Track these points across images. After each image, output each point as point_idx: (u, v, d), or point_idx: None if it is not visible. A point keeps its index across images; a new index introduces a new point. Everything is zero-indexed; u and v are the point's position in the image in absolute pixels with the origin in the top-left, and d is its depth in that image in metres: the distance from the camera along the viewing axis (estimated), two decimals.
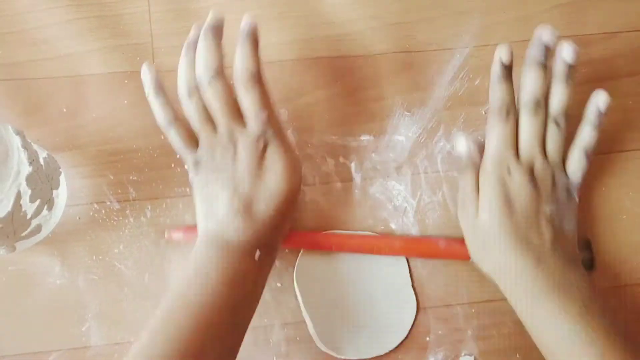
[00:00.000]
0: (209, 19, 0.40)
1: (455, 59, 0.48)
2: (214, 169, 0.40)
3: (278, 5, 0.48)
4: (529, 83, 0.41)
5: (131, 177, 0.45)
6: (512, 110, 0.41)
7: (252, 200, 0.39)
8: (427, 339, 0.44)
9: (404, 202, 0.46)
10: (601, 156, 0.47)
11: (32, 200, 0.38)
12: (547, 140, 0.41)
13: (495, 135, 0.41)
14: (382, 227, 0.45)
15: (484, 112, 0.47)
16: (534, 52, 0.40)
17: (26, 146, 0.37)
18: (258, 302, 0.40)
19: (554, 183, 0.41)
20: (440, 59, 0.48)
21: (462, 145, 0.42)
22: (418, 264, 0.45)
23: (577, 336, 0.37)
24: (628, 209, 0.46)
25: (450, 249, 0.44)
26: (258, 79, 0.40)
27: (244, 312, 0.38)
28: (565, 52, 0.40)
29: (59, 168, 0.43)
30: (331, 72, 0.48)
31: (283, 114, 0.46)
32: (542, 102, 0.41)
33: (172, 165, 0.45)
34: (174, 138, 0.41)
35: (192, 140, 0.41)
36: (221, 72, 0.40)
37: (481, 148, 0.42)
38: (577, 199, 0.42)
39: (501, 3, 0.50)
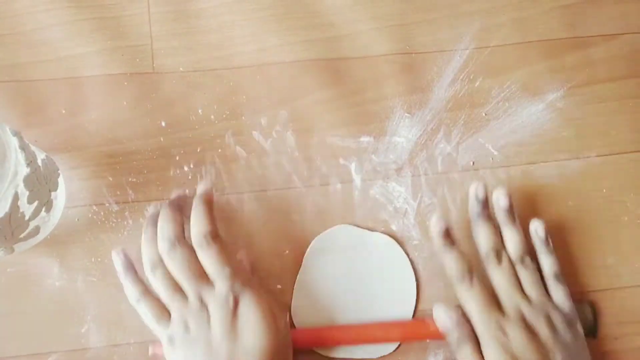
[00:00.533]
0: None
1: (455, 61, 0.48)
2: (190, 342, 0.38)
3: (278, 7, 0.48)
4: (481, 237, 0.42)
5: (130, 179, 0.45)
6: (472, 272, 0.40)
7: None
8: (427, 340, 0.43)
9: (404, 203, 0.46)
10: (602, 158, 0.47)
11: (30, 201, 0.38)
12: (523, 284, 0.41)
13: (473, 304, 0.40)
14: (383, 229, 0.45)
15: (484, 114, 0.47)
16: (474, 210, 0.42)
17: (24, 147, 0.37)
18: None
19: (551, 324, 0.39)
20: (440, 60, 0.48)
21: (445, 319, 0.40)
22: (419, 264, 0.45)
23: None
24: (629, 211, 0.46)
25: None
26: (213, 237, 0.39)
27: None
28: (500, 201, 0.42)
29: (58, 169, 0.43)
30: (331, 74, 0.48)
31: (283, 115, 0.46)
32: (501, 250, 0.41)
33: (171, 167, 0.45)
34: (145, 314, 0.40)
35: (165, 314, 0.39)
36: (179, 240, 0.39)
37: (464, 314, 0.40)
38: (581, 332, 0.41)
39: (501, 5, 0.50)
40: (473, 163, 0.46)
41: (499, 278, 0.41)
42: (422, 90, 0.47)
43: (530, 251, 0.42)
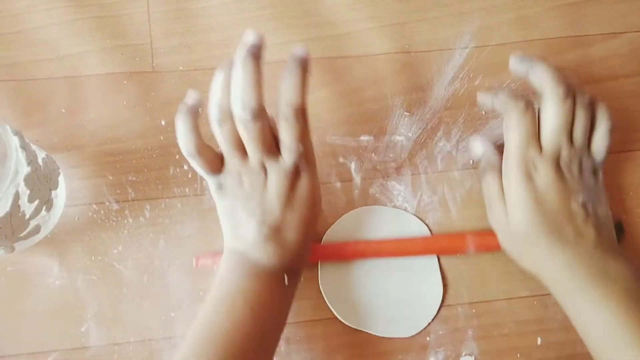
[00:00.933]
0: (250, 41, 0.36)
1: (455, 59, 0.48)
2: (241, 196, 0.38)
3: (278, 6, 0.48)
4: (555, 70, 0.40)
5: (130, 178, 0.45)
6: (529, 102, 0.40)
7: (281, 228, 0.38)
8: (428, 339, 0.43)
9: (404, 202, 0.46)
10: None
11: (30, 200, 0.38)
12: (575, 126, 0.40)
13: (517, 130, 0.40)
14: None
15: (484, 112, 0.47)
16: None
17: (24, 146, 0.37)
18: (284, 326, 0.39)
19: (581, 169, 0.40)
20: (440, 59, 0.48)
21: (479, 147, 0.42)
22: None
23: (622, 328, 0.36)
24: (629, 209, 0.46)
25: (479, 243, 0.44)
26: (302, 113, 0.37)
27: (271, 338, 0.38)
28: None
29: (58, 168, 0.43)
30: (331, 73, 0.48)
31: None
32: (575, 92, 0.40)
33: (171, 166, 0.45)
34: (197, 167, 0.39)
35: (216, 163, 0.39)
36: (260, 114, 0.36)
37: (499, 148, 0.42)
38: (602, 180, 0.41)
39: (501, 3, 0.50)
40: (473, 162, 0.46)
41: (555, 113, 0.40)
42: (422, 89, 0.47)
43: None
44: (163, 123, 0.46)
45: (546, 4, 0.50)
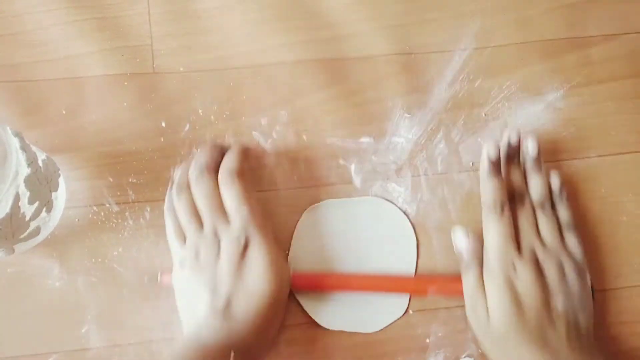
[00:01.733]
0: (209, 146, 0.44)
1: (455, 61, 0.48)
2: (197, 269, 0.40)
3: (277, 7, 0.48)
4: (510, 179, 0.43)
5: (130, 180, 0.45)
6: (506, 204, 0.41)
7: (231, 300, 0.38)
8: (427, 340, 0.43)
9: (404, 204, 0.46)
10: (601, 158, 0.47)
11: (30, 202, 0.38)
12: (540, 229, 0.42)
13: (494, 232, 0.41)
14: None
15: (484, 114, 0.47)
16: (506, 153, 0.43)
17: (25, 148, 0.37)
18: None
19: (561, 269, 0.40)
20: (440, 60, 0.48)
21: (462, 241, 0.42)
22: (421, 267, 0.45)
23: None
24: (628, 211, 0.46)
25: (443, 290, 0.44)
26: (238, 175, 0.41)
27: None
28: (530, 149, 0.43)
29: (58, 170, 0.43)
30: (331, 74, 0.48)
31: (283, 115, 0.46)
32: (525, 194, 0.43)
33: (171, 168, 0.45)
34: (167, 225, 0.42)
35: (182, 235, 0.42)
36: (209, 170, 0.42)
37: (481, 240, 0.42)
38: (589, 284, 0.42)
39: (501, 5, 0.50)
40: (473, 163, 0.46)
41: (521, 219, 0.42)
42: (421, 91, 0.47)
43: (550, 199, 0.43)
44: (163, 124, 0.46)
45: (546, 6, 0.50)
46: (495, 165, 0.42)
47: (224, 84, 0.47)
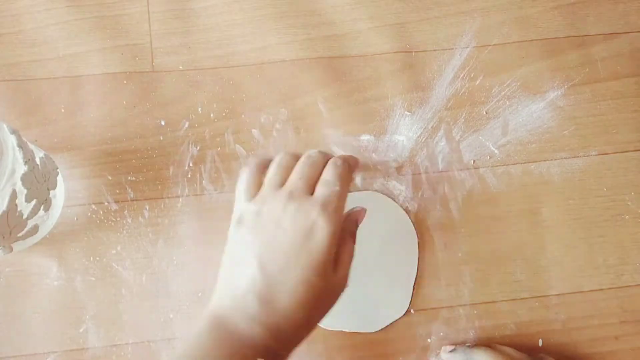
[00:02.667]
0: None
1: (455, 59, 0.48)
2: (254, 228, 0.35)
3: (278, 6, 0.48)
4: None
5: (129, 178, 0.45)
6: None
7: (276, 285, 0.33)
8: (429, 340, 0.43)
9: (404, 202, 0.45)
10: (602, 156, 0.47)
11: (28, 200, 0.37)
12: None
13: None
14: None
15: (485, 112, 0.47)
16: None
17: (21, 145, 0.37)
18: None
19: None
20: (440, 58, 0.48)
21: None
22: (421, 265, 0.44)
23: None
24: (629, 209, 0.46)
25: None
26: (351, 168, 0.37)
27: None
28: None
29: (56, 168, 0.42)
30: (331, 72, 0.47)
31: (283, 113, 0.46)
32: None
33: (170, 166, 0.45)
34: (244, 176, 0.37)
35: (255, 190, 0.36)
36: (325, 157, 0.37)
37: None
38: None
39: (501, 3, 0.50)
40: (474, 161, 0.46)
41: None
42: (422, 89, 0.47)
43: None
44: (162, 123, 0.46)
45: (546, 4, 0.50)
46: None
47: (223, 82, 0.47)
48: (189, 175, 0.45)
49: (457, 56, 0.48)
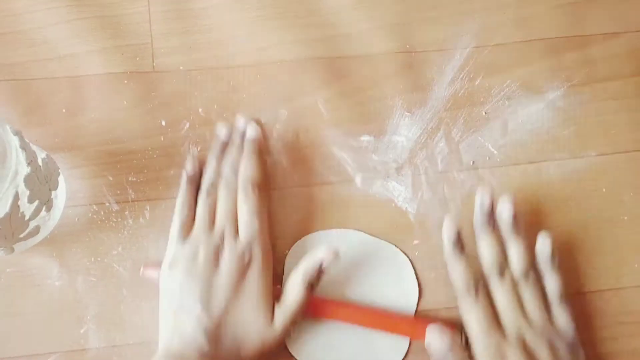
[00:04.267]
0: (241, 124, 0.44)
1: (455, 59, 0.48)
2: (192, 273, 0.38)
3: (278, 6, 0.48)
4: (485, 251, 0.40)
5: (130, 178, 0.45)
6: (479, 284, 0.40)
7: (222, 324, 0.37)
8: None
9: (404, 202, 0.45)
10: (602, 157, 0.47)
11: (30, 201, 0.38)
12: (524, 303, 0.39)
13: (473, 319, 0.39)
14: (382, 228, 0.45)
15: (484, 113, 0.47)
16: (479, 220, 0.41)
17: (24, 146, 0.37)
18: None
19: (553, 350, 0.38)
20: (440, 59, 0.48)
21: (438, 343, 0.39)
22: (417, 264, 0.44)
23: None
24: (629, 210, 0.46)
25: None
26: (256, 187, 0.41)
27: None
28: (505, 212, 0.41)
29: (58, 169, 0.42)
30: (331, 73, 0.47)
31: (283, 114, 0.46)
32: (505, 264, 0.40)
33: (171, 167, 0.45)
34: (176, 216, 0.41)
35: (188, 232, 0.41)
36: (236, 172, 0.42)
37: (459, 328, 0.40)
38: (582, 355, 0.39)
39: (501, 3, 0.50)
40: (473, 162, 0.46)
41: (501, 296, 0.39)
42: (422, 89, 0.47)
43: (535, 266, 0.41)
44: (163, 123, 0.46)
45: (546, 4, 0.50)
46: (458, 244, 0.40)
47: (224, 83, 0.47)
48: None
49: (456, 56, 0.48)
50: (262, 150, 0.44)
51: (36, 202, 0.38)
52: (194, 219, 0.42)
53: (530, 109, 0.48)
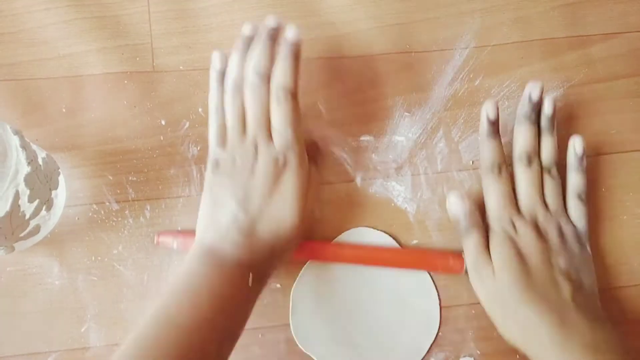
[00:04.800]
0: (271, 22, 0.40)
1: (455, 60, 0.48)
2: (230, 174, 0.40)
3: (277, 6, 0.48)
4: (520, 138, 0.43)
5: (130, 178, 0.45)
6: (504, 166, 0.42)
7: (256, 220, 0.39)
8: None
9: (404, 202, 0.46)
10: (602, 157, 0.47)
11: (30, 200, 0.38)
12: (545, 192, 0.42)
13: (493, 193, 0.42)
14: (382, 228, 0.45)
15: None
16: (524, 109, 0.43)
17: (25, 146, 0.37)
18: (244, 326, 0.38)
19: (561, 233, 0.41)
20: (440, 59, 0.48)
21: (457, 205, 0.42)
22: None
23: None
24: (629, 210, 0.46)
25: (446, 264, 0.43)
26: (293, 96, 0.40)
27: (232, 333, 0.37)
28: (547, 108, 0.43)
29: (58, 168, 0.43)
30: (331, 73, 0.48)
31: None
32: (534, 155, 0.42)
33: (171, 166, 0.45)
34: (211, 126, 0.41)
35: (224, 135, 0.41)
36: (266, 78, 0.40)
37: (477, 203, 0.42)
38: (589, 250, 0.42)
39: (501, 4, 0.50)
40: (473, 162, 0.46)
41: (524, 182, 0.42)
42: (422, 89, 0.47)
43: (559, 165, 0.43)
44: (163, 123, 0.46)
45: (546, 4, 0.50)
46: (494, 125, 0.42)
47: None
48: (190, 175, 0.45)
49: (456, 57, 0.48)
50: (299, 54, 0.40)
51: (36, 202, 0.38)
52: (225, 126, 0.41)
53: None
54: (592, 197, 0.46)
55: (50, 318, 0.42)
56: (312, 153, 0.43)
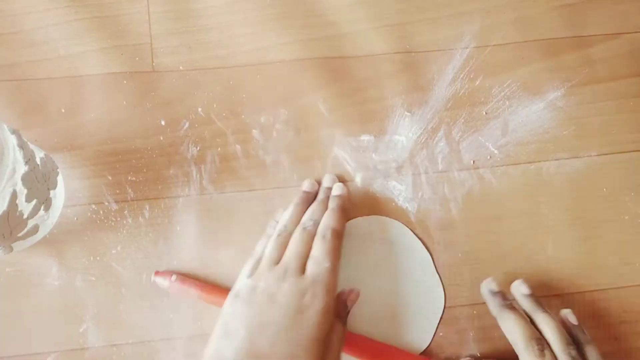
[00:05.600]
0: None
1: (455, 60, 0.48)
2: (249, 302, 0.37)
3: (278, 6, 0.48)
4: (514, 329, 0.39)
5: (129, 178, 0.45)
6: (542, 338, 0.38)
7: (265, 355, 0.34)
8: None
9: (404, 202, 0.45)
10: (602, 157, 0.47)
11: (28, 200, 0.38)
12: None
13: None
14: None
15: (484, 113, 0.47)
16: (496, 303, 0.40)
17: (22, 145, 0.37)
18: None
19: None
20: (440, 59, 0.48)
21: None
22: None
23: None
24: (629, 210, 0.46)
25: None
26: (337, 235, 0.40)
27: None
28: (522, 289, 0.41)
29: (57, 168, 0.42)
30: (331, 73, 0.47)
31: (283, 114, 0.46)
32: (542, 338, 0.38)
33: (170, 166, 0.45)
34: (249, 260, 0.41)
35: (256, 270, 0.40)
36: (317, 225, 0.41)
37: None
38: None
39: (501, 4, 0.50)
40: (473, 162, 0.46)
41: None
42: (422, 89, 0.47)
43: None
44: (163, 123, 0.46)
45: (546, 5, 0.50)
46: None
47: (223, 83, 0.47)
48: (189, 176, 0.45)
49: (457, 57, 0.48)
50: (346, 207, 0.43)
51: (34, 201, 0.38)
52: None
53: (530, 109, 0.48)
54: (592, 197, 0.46)
55: (49, 318, 0.42)
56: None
